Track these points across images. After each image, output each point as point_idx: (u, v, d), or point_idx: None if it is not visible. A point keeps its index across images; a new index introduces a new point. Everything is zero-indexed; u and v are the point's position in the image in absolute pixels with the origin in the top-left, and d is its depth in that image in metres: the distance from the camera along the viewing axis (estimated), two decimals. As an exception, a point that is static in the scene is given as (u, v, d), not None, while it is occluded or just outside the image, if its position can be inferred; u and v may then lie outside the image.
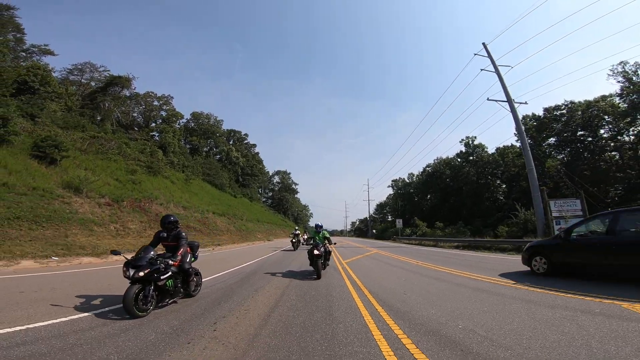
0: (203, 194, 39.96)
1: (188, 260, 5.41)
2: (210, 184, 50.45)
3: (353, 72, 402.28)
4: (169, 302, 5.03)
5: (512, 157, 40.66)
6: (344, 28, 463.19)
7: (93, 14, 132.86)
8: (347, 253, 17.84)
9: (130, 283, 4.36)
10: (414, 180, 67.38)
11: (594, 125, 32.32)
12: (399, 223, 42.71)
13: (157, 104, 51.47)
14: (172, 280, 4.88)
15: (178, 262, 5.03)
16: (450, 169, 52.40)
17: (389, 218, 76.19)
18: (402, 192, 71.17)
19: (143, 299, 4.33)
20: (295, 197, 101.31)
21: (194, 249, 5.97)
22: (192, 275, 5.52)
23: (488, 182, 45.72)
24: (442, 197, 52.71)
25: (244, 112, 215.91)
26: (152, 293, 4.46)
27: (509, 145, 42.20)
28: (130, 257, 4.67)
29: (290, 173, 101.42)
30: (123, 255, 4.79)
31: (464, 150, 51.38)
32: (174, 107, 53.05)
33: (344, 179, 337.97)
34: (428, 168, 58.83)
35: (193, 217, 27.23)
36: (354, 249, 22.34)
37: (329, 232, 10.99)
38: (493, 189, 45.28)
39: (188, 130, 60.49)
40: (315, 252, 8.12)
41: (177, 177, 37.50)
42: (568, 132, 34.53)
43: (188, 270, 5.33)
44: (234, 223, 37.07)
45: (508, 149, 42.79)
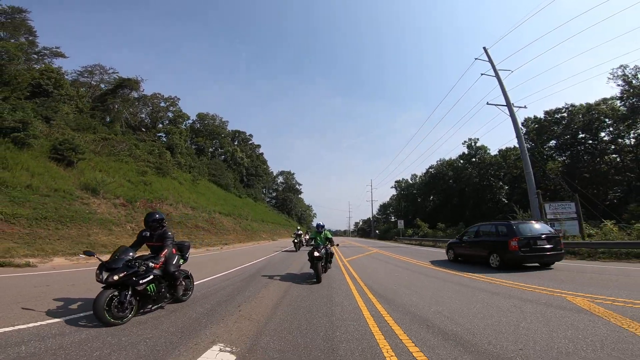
0: (209, 195, 40.89)
1: (174, 263, 4.84)
2: (216, 185, 51.37)
3: (353, 72, 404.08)
4: (153, 308, 4.58)
5: (514, 158, 40.97)
6: (344, 28, 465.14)
7: (93, 14, 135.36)
8: (348, 252, 18.71)
9: (104, 287, 3.97)
10: (417, 182, 67.88)
11: (595, 128, 32.68)
12: (401, 224, 43.43)
13: (164, 105, 52.56)
14: (154, 285, 4.40)
15: (160, 264, 4.45)
16: (453, 171, 52.78)
17: (392, 219, 76.65)
18: (405, 193, 71.75)
19: (119, 305, 3.91)
20: (299, 197, 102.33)
21: (184, 250, 5.41)
22: (179, 279, 4.88)
23: (490, 183, 46.10)
24: (444, 198, 53.13)
25: (245, 111, 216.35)
26: (129, 299, 4.03)
27: (511, 147, 42.38)
28: (106, 259, 4.25)
29: (295, 173, 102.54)
30: (97, 257, 4.36)
31: (467, 152, 51.81)
32: (180, 108, 54.25)
33: (345, 179, 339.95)
34: (431, 169, 59.30)
35: (201, 217, 28.16)
36: (356, 249, 23.17)
37: (332, 232, 10.59)
38: (495, 191, 45.64)
39: (194, 131, 61.41)
40: (316, 253, 7.68)
41: (184, 177, 38.49)
42: (568, 134, 34.93)
43: (174, 274, 4.75)
44: (240, 223, 37.99)
45: (510, 151, 43.04)
